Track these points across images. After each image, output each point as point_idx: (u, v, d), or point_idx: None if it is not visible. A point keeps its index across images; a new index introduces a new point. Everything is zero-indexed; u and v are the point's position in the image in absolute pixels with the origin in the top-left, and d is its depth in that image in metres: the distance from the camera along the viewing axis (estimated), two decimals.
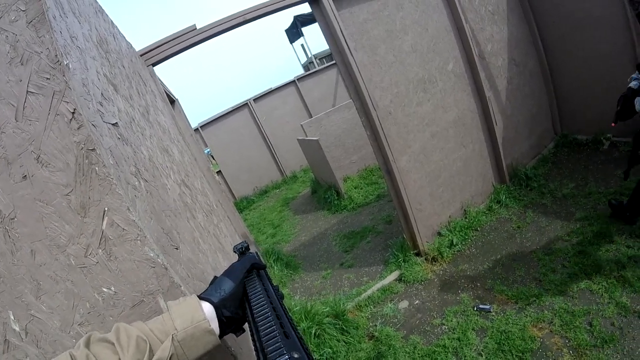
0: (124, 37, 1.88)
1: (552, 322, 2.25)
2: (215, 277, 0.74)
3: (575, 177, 3.62)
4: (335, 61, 2.98)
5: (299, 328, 2.77)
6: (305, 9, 2.93)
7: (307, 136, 6.20)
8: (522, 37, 3.99)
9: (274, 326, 0.52)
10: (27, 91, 0.66)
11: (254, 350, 0.51)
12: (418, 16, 3.19)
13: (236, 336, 0.72)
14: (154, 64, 2.54)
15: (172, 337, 0.58)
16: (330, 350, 2.65)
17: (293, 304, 3.10)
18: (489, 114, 3.60)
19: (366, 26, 2.95)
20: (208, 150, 8.82)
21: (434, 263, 3.31)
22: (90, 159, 0.68)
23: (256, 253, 0.85)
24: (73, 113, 0.67)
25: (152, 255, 0.73)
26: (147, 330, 0.59)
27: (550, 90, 4.25)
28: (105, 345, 0.55)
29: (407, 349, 2.52)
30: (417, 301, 2.98)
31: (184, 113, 3.76)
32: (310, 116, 8.75)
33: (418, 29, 3.20)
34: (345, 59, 2.86)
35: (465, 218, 3.61)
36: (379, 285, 3.30)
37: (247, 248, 0.85)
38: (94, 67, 0.91)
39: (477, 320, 2.51)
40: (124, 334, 0.57)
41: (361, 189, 5.85)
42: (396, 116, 3.12)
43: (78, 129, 0.67)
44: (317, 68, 9.85)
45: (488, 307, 2.57)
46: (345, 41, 2.80)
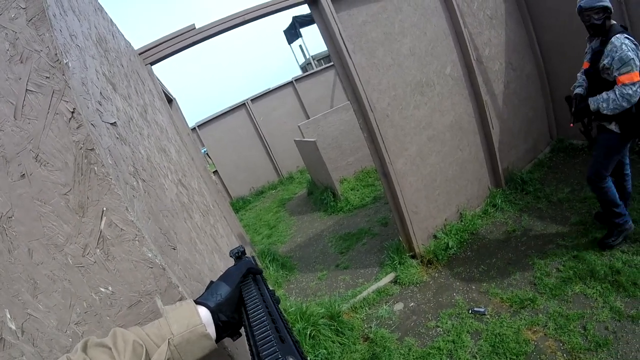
0: (122, 36, 1.87)
1: (547, 326, 2.26)
2: (211, 282, 0.74)
3: (570, 182, 3.65)
4: (333, 63, 2.98)
5: (294, 329, 2.77)
6: (304, 10, 2.93)
7: (304, 137, 6.20)
8: (520, 42, 4.02)
9: (270, 330, 0.53)
10: (27, 89, 0.66)
11: (250, 354, 0.51)
12: (417, 19, 3.20)
13: (233, 340, 0.73)
14: (153, 63, 2.54)
15: (169, 342, 0.58)
16: (325, 351, 2.65)
17: (288, 304, 3.10)
18: (486, 118, 3.62)
19: (365, 28, 2.95)
20: (205, 150, 8.79)
21: (429, 266, 3.32)
22: (89, 159, 0.68)
23: (252, 257, 0.85)
24: (72, 112, 0.67)
25: (150, 255, 0.73)
26: (144, 334, 0.59)
27: (547, 94, 4.28)
28: (102, 350, 0.55)
29: (402, 351, 2.52)
30: (412, 303, 2.98)
31: (181, 112, 3.76)
32: (308, 117, 8.75)
33: (416, 32, 3.21)
34: (344, 60, 2.87)
35: (461, 221, 3.62)
36: (375, 287, 3.30)
37: (244, 252, 0.86)
38: (93, 66, 0.91)
39: (472, 323, 2.52)
40: (120, 338, 0.57)
41: (357, 190, 5.85)
42: (393, 119, 3.13)
43: (77, 128, 0.67)
44: (315, 69, 9.86)
45: (483, 310, 2.58)
46: (344, 43, 2.81)
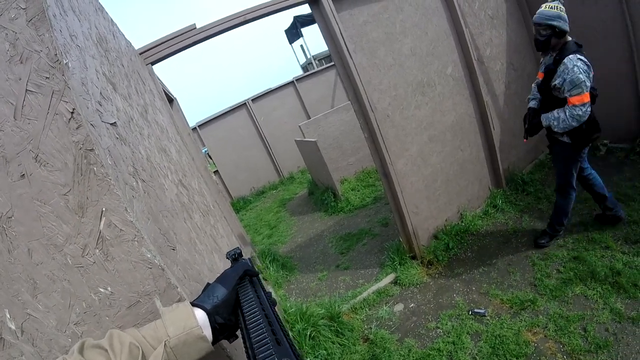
0: (123, 35, 1.87)
1: (547, 327, 2.26)
2: (208, 284, 0.74)
3: None
4: (334, 63, 2.98)
5: (294, 330, 2.77)
6: (305, 9, 2.93)
7: (305, 137, 6.20)
8: (521, 42, 4.01)
9: (266, 333, 0.53)
10: (26, 90, 0.66)
11: (247, 357, 0.51)
12: (418, 19, 3.20)
13: (229, 342, 0.73)
14: (153, 63, 2.54)
15: (165, 344, 0.58)
16: (325, 352, 2.65)
17: (288, 305, 3.10)
18: (487, 118, 3.61)
19: (366, 28, 2.95)
20: (205, 149, 8.80)
21: (429, 266, 3.32)
22: (89, 159, 0.68)
23: (249, 259, 0.85)
24: (72, 113, 0.67)
25: (149, 256, 0.73)
26: (140, 336, 0.59)
27: None
28: (99, 352, 0.55)
29: (402, 352, 2.52)
30: (413, 304, 2.98)
31: (182, 112, 3.76)
32: (309, 117, 8.75)
33: (418, 32, 3.20)
34: (344, 60, 2.87)
35: (462, 222, 3.62)
36: (375, 287, 3.30)
37: (240, 254, 0.86)
38: (93, 66, 0.91)
39: (472, 324, 2.52)
40: (117, 340, 0.57)
41: (358, 191, 5.85)
42: (394, 119, 3.12)
43: (77, 128, 0.67)
44: (316, 69, 9.84)
45: (483, 311, 2.58)
46: (345, 43, 2.80)
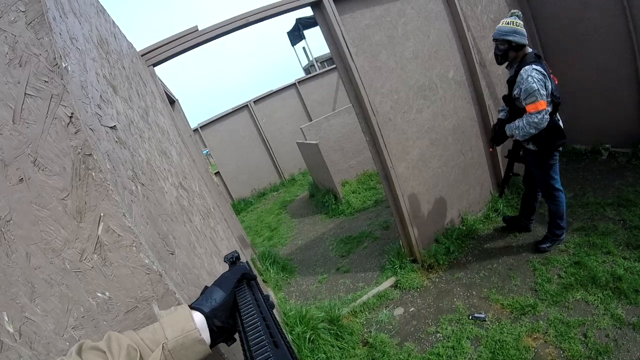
0: (124, 37, 1.87)
1: (547, 333, 2.25)
2: (206, 287, 0.74)
3: (573, 187, 3.63)
4: (336, 65, 2.98)
5: (294, 332, 2.76)
6: (308, 12, 2.94)
7: (307, 139, 6.20)
8: None
9: (264, 336, 0.53)
10: (25, 93, 0.66)
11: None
12: (420, 23, 3.20)
13: (227, 345, 0.73)
14: (155, 65, 2.54)
15: (163, 346, 0.58)
16: (324, 355, 2.64)
17: (288, 308, 3.09)
18: (489, 122, 3.61)
19: (368, 31, 2.95)
20: (207, 151, 8.81)
21: (430, 270, 3.31)
22: (87, 164, 0.67)
23: (247, 262, 0.85)
24: (70, 117, 0.67)
25: (147, 262, 0.73)
26: (138, 339, 0.59)
27: None
28: (97, 354, 0.55)
29: (401, 356, 2.51)
30: (413, 308, 2.97)
31: (183, 114, 3.76)
32: (310, 119, 8.75)
33: (420, 36, 3.20)
34: (346, 63, 2.87)
35: (463, 226, 3.61)
36: (375, 291, 3.29)
37: (238, 258, 0.86)
38: (93, 69, 0.91)
39: (472, 328, 2.50)
40: (115, 342, 0.57)
41: (359, 193, 5.85)
42: (396, 122, 3.12)
43: (75, 133, 0.67)
44: (318, 71, 9.85)
45: (483, 316, 2.56)
46: (347, 46, 2.81)
